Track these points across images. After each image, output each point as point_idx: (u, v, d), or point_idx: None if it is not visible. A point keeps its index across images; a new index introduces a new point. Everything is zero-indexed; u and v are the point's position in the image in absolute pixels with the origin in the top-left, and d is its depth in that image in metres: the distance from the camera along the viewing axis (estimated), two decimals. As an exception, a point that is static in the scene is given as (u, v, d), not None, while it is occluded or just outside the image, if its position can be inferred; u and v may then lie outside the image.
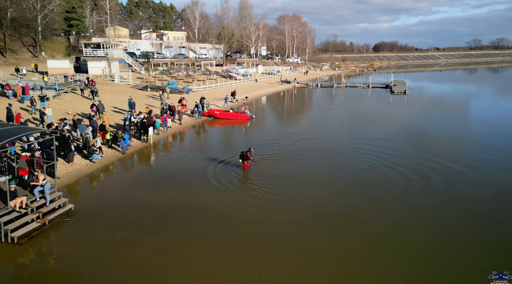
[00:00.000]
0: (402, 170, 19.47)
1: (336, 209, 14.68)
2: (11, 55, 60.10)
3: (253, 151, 19.03)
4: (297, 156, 22.17)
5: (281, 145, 24.93)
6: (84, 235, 12.26)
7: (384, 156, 22.09)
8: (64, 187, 16.06)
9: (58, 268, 10.82)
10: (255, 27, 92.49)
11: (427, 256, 11.52)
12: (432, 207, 15.05)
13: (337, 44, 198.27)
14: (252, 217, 13.94)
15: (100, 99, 35.48)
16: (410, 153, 22.88)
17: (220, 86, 54.95)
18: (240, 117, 33.54)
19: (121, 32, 74.16)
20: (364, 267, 10.94)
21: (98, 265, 10.71)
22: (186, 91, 46.78)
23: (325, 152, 23.18)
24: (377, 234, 12.75)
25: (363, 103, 48.71)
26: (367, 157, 21.90)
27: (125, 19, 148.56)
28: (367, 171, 19.30)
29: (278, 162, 20.74)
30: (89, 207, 14.32)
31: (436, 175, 18.69)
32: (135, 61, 60.87)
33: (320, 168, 19.88)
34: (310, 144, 25.41)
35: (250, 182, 17.56)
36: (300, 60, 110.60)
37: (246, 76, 69.11)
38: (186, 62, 71.80)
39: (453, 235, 12.83)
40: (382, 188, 17.00)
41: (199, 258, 11.14)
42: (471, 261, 11.36)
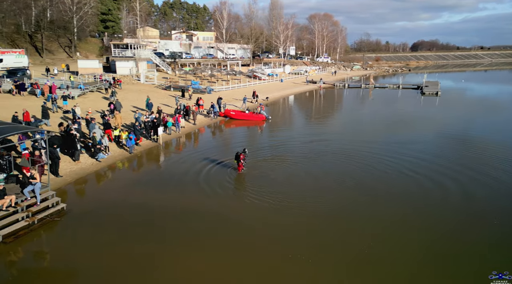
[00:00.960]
0: (418, 177, 18.32)
1: (330, 234, 12.66)
2: (47, 55, 63.34)
3: (247, 152, 18.64)
4: (304, 159, 21.41)
5: (288, 147, 24.30)
6: (69, 237, 12.29)
7: (402, 162, 20.89)
8: (65, 185, 16.36)
9: (33, 268, 10.83)
10: (284, 27, 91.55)
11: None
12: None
13: (372, 43, 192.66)
14: (239, 226, 13.40)
15: (122, 98, 36.42)
16: (429, 159, 21.38)
17: (243, 86, 54.76)
18: (256, 118, 33.06)
19: (151, 33, 76.07)
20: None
21: (73, 269, 10.67)
22: (208, 91, 47.01)
23: (335, 155, 22.27)
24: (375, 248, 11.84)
25: (390, 105, 46.57)
26: (381, 161, 20.77)
27: (160, 20, 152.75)
28: (379, 178, 18.21)
29: (280, 164, 20.12)
30: (82, 207, 14.43)
31: (451, 182, 17.32)
32: (163, 61, 62.10)
33: (327, 173, 18.97)
34: (320, 146, 24.58)
35: (244, 187, 17.12)
36: (331, 59, 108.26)
37: (272, 76, 68.59)
38: (213, 62, 72.36)
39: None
40: (396, 200, 15.78)
41: (174, 267, 10.79)
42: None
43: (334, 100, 53.84)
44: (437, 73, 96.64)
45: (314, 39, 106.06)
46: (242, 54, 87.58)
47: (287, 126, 34.00)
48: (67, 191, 15.94)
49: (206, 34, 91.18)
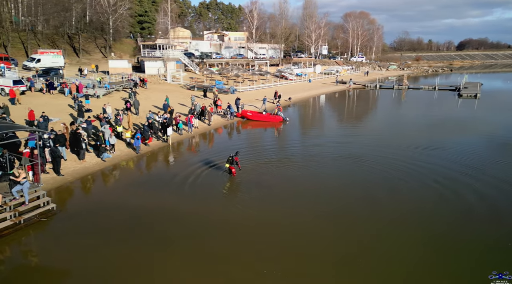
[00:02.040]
0: (436, 186, 17.05)
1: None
2: (84, 56, 66.34)
3: (239, 155, 18.18)
4: (311, 163, 20.46)
5: (297, 149, 23.47)
6: (52, 238, 12.36)
7: (419, 168, 19.56)
8: (63, 185, 16.61)
9: (10, 269, 10.88)
10: (316, 26, 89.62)
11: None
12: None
13: (413, 42, 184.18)
14: (222, 235, 12.84)
15: (145, 98, 37.14)
16: (448, 166, 19.64)
17: (269, 87, 54.04)
18: (273, 119, 32.29)
19: (183, 34, 77.39)
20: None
21: (50, 271, 10.62)
22: (231, 91, 46.86)
23: (343, 158, 21.24)
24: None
25: (421, 108, 43.84)
26: (394, 167, 19.31)
27: (195, 21, 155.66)
28: (391, 189, 16.97)
29: (281, 168, 19.36)
30: (73, 208, 14.54)
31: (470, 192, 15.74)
32: (191, 62, 62.87)
33: (329, 179, 17.95)
34: (329, 149, 23.83)
35: (236, 192, 16.65)
36: (366, 59, 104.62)
37: (301, 76, 67.31)
38: (242, 62, 72.28)
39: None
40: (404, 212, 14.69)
41: (148, 272, 10.44)
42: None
43: (361, 102, 51.70)
44: (481, 73, 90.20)
45: (348, 38, 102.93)
46: (272, 54, 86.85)
47: (304, 128, 32.97)
48: (63, 190, 16.17)
49: (237, 34, 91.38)
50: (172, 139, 25.26)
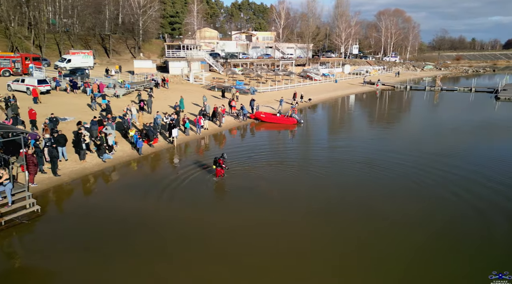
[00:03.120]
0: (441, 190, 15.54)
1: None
2: (114, 56, 68.44)
3: (226, 157, 17.68)
4: (319, 168, 19.42)
5: (307, 152, 22.39)
6: (26, 241, 12.33)
7: (434, 177, 18.22)
8: (57, 186, 16.61)
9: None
10: (346, 25, 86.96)
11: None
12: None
13: (454, 41, 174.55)
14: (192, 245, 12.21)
15: (164, 98, 37.40)
16: (460, 174, 17.89)
17: (291, 87, 52.89)
18: (286, 121, 31.28)
19: (210, 34, 77.88)
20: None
21: (18, 273, 10.51)
22: (251, 91, 46.24)
23: (352, 163, 19.90)
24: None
25: (453, 111, 41.04)
26: (413, 175, 17.84)
27: (227, 21, 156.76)
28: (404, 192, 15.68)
29: (277, 172, 18.41)
30: (59, 210, 14.49)
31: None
32: (216, 62, 62.98)
33: (329, 187, 16.82)
34: (340, 154, 22.56)
35: (221, 195, 16.06)
36: (399, 59, 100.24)
37: (328, 77, 65.51)
38: (267, 62, 71.52)
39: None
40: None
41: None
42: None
43: (387, 104, 49.24)
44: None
45: (381, 37, 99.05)
46: (300, 54, 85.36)
47: (318, 131, 31.63)
48: (56, 191, 16.21)
49: (265, 34, 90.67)
50: (178, 140, 25.04)
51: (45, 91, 34.12)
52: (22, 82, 34.23)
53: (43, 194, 15.64)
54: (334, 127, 33.68)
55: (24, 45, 58.90)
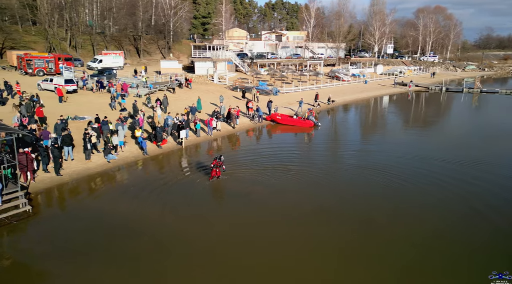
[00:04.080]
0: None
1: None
2: (145, 56, 70.20)
3: (223, 159, 17.23)
4: (324, 175, 18.39)
5: (314, 158, 21.22)
6: (7, 242, 12.35)
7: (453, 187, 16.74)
8: (56, 186, 16.78)
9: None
10: (381, 23, 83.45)
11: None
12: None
13: (502, 39, 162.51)
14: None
15: (185, 98, 37.54)
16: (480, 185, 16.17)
17: (317, 88, 51.42)
18: (303, 124, 30.16)
19: (239, 34, 77.83)
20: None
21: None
22: (274, 92, 45.43)
23: (362, 170, 18.49)
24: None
25: (490, 115, 37.86)
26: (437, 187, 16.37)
27: (260, 21, 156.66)
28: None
29: (276, 176, 17.49)
30: (50, 212, 14.50)
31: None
32: (243, 62, 62.72)
33: (324, 196, 15.75)
34: (352, 159, 21.28)
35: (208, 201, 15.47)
36: (438, 58, 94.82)
37: (357, 77, 63.16)
38: (295, 62, 70.24)
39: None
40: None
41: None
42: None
43: (417, 106, 46.38)
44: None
45: (418, 35, 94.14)
46: (331, 53, 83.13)
47: (335, 135, 30.18)
48: (53, 191, 16.36)
49: (296, 33, 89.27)
50: (188, 141, 24.83)
51: (72, 90, 35.35)
52: (51, 82, 35.66)
53: (40, 194, 15.86)
54: (352, 131, 32.03)
55: (62, 46, 61.86)
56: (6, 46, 55.46)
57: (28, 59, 43.93)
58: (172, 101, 36.61)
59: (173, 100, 37.05)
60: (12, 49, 53.84)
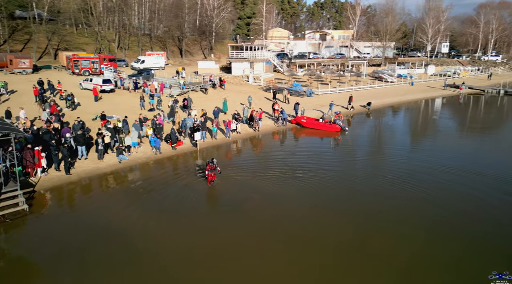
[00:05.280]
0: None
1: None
2: (187, 57, 71.80)
3: (215, 162, 16.74)
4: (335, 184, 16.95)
5: (327, 165, 19.72)
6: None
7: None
8: (62, 184, 17.13)
9: None
10: (434, 20, 77.46)
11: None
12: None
13: None
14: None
15: (215, 98, 37.50)
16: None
17: (356, 90, 48.88)
18: (329, 128, 28.46)
19: (280, 34, 76.75)
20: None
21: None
22: (308, 94, 43.88)
23: (377, 178, 16.73)
24: None
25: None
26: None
27: (308, 20, 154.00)
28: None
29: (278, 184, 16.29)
30: (47, 212, 14.57)
31: None
32: (281, 63, 61.62)
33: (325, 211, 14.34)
34: (373, 168, 19.19)
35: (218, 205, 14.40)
36: (502, 58, 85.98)
37: (404, 78, 59.18)
38: (337, 62, 67.58)
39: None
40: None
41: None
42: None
43: (466, 111, 42.05)
44: None
45: (478, 33, 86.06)
46: (379, 53, 78.90)
47: (363, 141, 27.98)
48: (57, 190, 16.64)
49: (341, 32, 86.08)
50: (205, 143, 24.48)
51: (109, 90, 36.84)
52: (90, 81, 37.40)
53: (44, 192, 16.26)
54: (381, 137, 29.64)
55: (110, 47, 65.30)
56: (61, 47, 59.64)
57: (75, 59, 46.61)
58: (203, 101, 36.71)
59: (204, 101, 37.10)
60: (66, 50, 57.74)
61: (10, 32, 56.02)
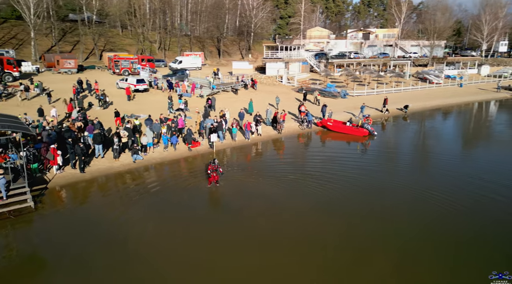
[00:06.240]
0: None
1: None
2: (224, 57, 72.29)
3: (217, 163, 16.58)
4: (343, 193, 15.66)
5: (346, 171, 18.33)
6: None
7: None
8: (74, 182, 17.46)
9: None
10: (492, 17, 71.03)
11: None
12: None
13: None
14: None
15: (243, 99, 37.16)
16: None
17: (395, 91, 46.06)
18: (356, 132, 26.77)
19: (320, 33, 74.73)
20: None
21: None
22: (342, 95, 42.04)
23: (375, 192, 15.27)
24: None
25: None
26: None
27: (354, 19, 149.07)
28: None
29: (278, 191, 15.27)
30: (52, 210, 14.85)
31: None
32: (318, 63, 59.91)
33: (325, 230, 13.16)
34: (388, 179, 17.61)
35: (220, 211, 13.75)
36: None
37: (453, 79, 54.90)
38: (378, 62, 64.38)
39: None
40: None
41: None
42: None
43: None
44: None
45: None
46: (427, 52, 73.92)
47: (390, 147, 25.93)
48: (67, 188, 16.99)
49: (386, 31, 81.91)
50: (223, 145, 24.08)
51: (143, 89, 37.87)
52: (126, 81, 38.68)
53: (55, 189, 16.68)
54: (418, 145, 27.25)
55: (152, 48, 67.53)
56: (106, 48, 62.70)
57: (115, 60, 48.56)
58: (232, 102, 36.53)
59: (233, 101, 36.90)
60: (111, 51, 60.58)
61: (61, 34, 59.96)
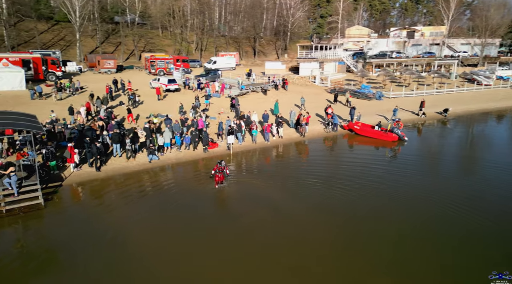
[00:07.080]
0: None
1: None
2: (260, 57, 71.85)
3: (224, 164, 16.67)
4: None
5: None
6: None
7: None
8: (89, 180, 17.77)
9: None
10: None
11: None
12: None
13: None
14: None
15: (271, 100, 36.57)
16: None
17: (437, 93, 42.94)
18: (384, 136, 25.03)
19: (360, 32, 71.88)
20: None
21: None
22: (377, 96, 39.90)
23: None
24: None
25: None
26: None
27: (400, 16, 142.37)
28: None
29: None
30: (56, 208, 15.09)
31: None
32: (356, 63, 57.57)
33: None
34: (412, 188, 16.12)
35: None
36: None
37: (506, 80, 50.29)
38: (422, 62, 60.55)
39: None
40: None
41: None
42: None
43: None
44: None
45: None
46: (478, 51, 68.43)
47: (420, 154, 23.84)
48: (80, 187, 17.33)
49: (432, 29, 77.02)
50: (241, 147, 23.58)
51: (174, 89, 38.46)
52: (158, 81, 39.52)
53: (68, 187, 17.08)
54: (447, 152, 24.82)
55: (189, 49, 68.82)
56: (146, 49, 64.81)
57: (151, 60, 49.89)
58: (260, 102, 36.05)
59: (261, 102, 36.38)
60: (150, 51, 62.51)
61: (105, 36, 62.90)
